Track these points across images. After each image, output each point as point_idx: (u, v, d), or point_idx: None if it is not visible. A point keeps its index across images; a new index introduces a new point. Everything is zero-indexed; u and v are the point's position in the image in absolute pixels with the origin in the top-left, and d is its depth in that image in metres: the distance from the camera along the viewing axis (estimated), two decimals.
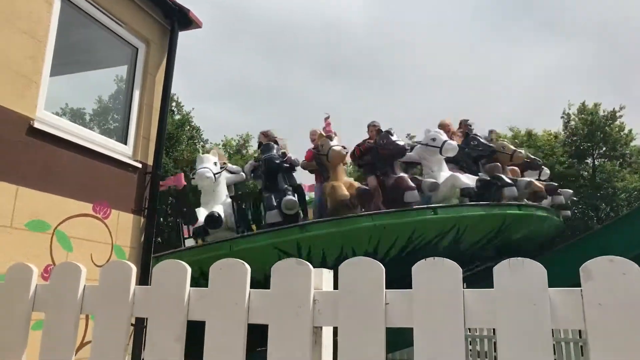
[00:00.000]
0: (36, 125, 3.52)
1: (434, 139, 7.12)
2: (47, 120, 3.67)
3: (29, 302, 1.82)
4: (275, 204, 6.45)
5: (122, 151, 4.36)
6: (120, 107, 4.72)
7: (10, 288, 1.86)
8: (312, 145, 7.45)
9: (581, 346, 10.50)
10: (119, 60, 4.85)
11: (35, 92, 3.56)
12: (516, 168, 7.89)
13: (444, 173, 7.05)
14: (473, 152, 7.61)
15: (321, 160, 7.06)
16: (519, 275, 1.32)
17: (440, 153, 7.01)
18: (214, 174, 6.84)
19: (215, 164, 7.09)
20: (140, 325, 4.14)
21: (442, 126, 7.88)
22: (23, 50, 3.49)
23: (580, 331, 10.65)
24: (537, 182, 7.56)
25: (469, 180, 6.76)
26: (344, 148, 7.01)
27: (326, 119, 8.03)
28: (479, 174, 7.34)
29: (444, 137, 7.17)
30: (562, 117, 28.72)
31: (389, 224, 6.28)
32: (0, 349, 1.79)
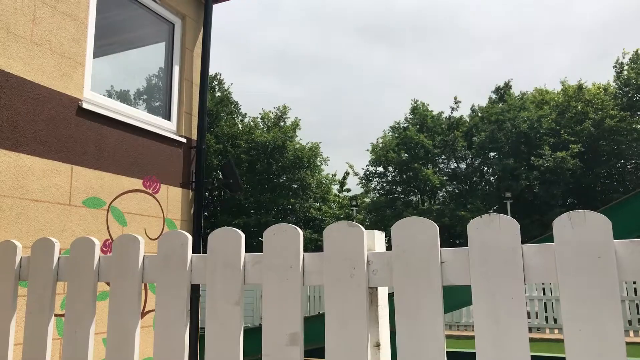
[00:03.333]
0: (84, 105, 3.63)
1: None
2: (95, 100, 3.77)
3: (94, 274, 1.91)
4: None
5: (166, 127, 4.45)
6: (161, 85, 4.80)
7: (75, 261, 1.95)
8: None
9: (637, 304, 10.22)
10: (157, 38, 4.90)
11: (81, 73, 3.66)
12: None
13: None
14: None
15: None
16: (581, 227, 1.27)
17: None
18: None
19: None
20: (193, 294, 4.30)
21: None
22: (66, 33, 3.57)
23: (635, 289, 10.34)
24: None
25: None
26: None
27: None
28: None
29: None
30: (614, 67, 27.24)
31: None
32: (72, 319, 1.89)
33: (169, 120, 4.54)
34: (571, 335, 1.23)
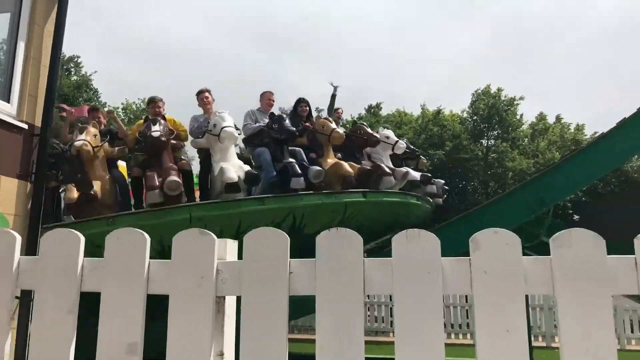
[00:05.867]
0: None
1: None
2: None
3: None
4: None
5: (4, 110, 3.93)
6: (2, 62, 4.23)
7: None
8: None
9: (467, 310, 11.56)
10: (1, 7, 4.32)
11: None
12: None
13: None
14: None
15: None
16: (415, 244, 1.39)
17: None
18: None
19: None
20: (27, 298, 3.85)
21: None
22: None
23: (467, 296, 11.71)
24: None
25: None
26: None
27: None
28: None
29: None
30: (471, 94, 30.50)
31: (206, 216, 5.49)
32: None
33: (8, 102, 4.01)
34: (401, 340, 1.34)
